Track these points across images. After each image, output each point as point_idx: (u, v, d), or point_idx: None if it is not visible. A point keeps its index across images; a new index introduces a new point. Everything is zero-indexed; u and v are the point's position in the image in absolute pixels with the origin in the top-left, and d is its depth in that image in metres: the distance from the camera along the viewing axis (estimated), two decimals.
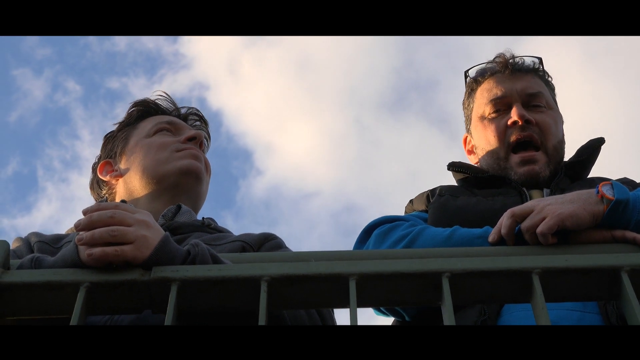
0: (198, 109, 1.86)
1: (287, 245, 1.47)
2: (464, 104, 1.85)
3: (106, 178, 1.70)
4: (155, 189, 1.59)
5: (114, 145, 1.74)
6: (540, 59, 1.77)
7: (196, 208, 1.66)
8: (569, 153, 1.73)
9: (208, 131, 1.87)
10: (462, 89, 1.87)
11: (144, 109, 1.78)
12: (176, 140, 1.65)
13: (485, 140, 1.69)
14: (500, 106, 1.68)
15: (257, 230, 1.50)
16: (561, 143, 1.71)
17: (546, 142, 1.63)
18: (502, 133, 1.64)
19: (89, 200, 1.78)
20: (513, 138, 1.62)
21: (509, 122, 1.63)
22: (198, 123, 1.84)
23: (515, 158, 1.61)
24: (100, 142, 1.83)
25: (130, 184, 1.63)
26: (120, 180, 1.66)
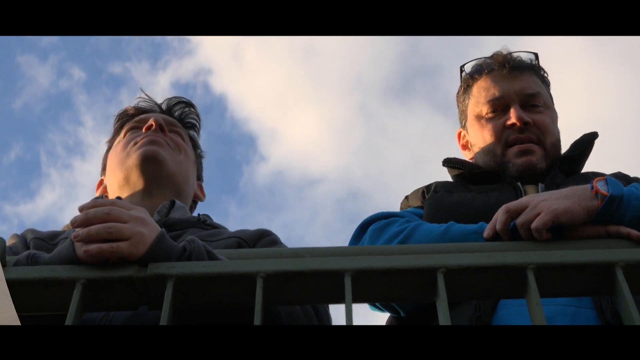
0: (181, 96, 1.85)
1: (290, 231, 1.49)
2: (458, 98, 1.85)
3: (97, 194, 1.72)
4: (128, 188, 1.59)
5: (103, 161, 1.78)
6: (536, 55, 1.77)
7: (180, 193, 1.65)
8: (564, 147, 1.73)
9: (197, 112, 1.86)
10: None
11: (124, 118, 1.78)
12: (136, 134, 1.66)
13: (482, 139, 1.69)
14: (498, 106, 1.68)
15: (260, 216, 1.51)
16: (558, 141, 1.71)
17: (544, 140, 1.64)
18: (500, 133, 1.64)
19: (92, 187, 1.80)
20: (511, 139, 1.62)
21: (507, 123, 1.63)
22: (187, 110, 1.83)
23: (512, 149, 1.62)
24: (103, 128, 1.85)
25: (112, 192, 1.64)
26: (108, 191, 1.67)
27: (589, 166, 1.71)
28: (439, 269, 0.93)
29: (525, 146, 1.61)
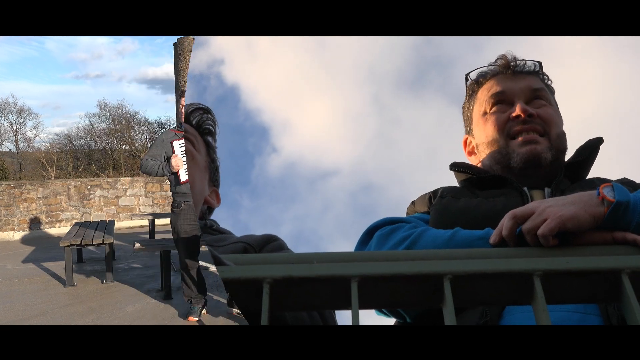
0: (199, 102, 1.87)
1: (302, 224, 1.48)
2: (464, 107, 1.85)
3: None
4: None
5: None
6: (540, 63, 1.77)
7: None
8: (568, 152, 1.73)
9: (214, 118, 1.87)
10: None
11: None
12: None
13: (485, 133, 1.70)
14: (502, 102, 1.68)
15: (272, 208, 1.51)
16: (564, 134, 1.70)
17: (549, 131, 1.63)
18: (503, 124, 1.65)
19: None
20: (515, 130, 1.62)
21: (512, 115, 1.63)
22: (205, 116, 1.85)
23: (516, 140, 1.62)
24: None
25: None
26: None
27: (594, 171, 1.71)
28: (446, 275, 0.93)
29: (529, 136, 1.61)
